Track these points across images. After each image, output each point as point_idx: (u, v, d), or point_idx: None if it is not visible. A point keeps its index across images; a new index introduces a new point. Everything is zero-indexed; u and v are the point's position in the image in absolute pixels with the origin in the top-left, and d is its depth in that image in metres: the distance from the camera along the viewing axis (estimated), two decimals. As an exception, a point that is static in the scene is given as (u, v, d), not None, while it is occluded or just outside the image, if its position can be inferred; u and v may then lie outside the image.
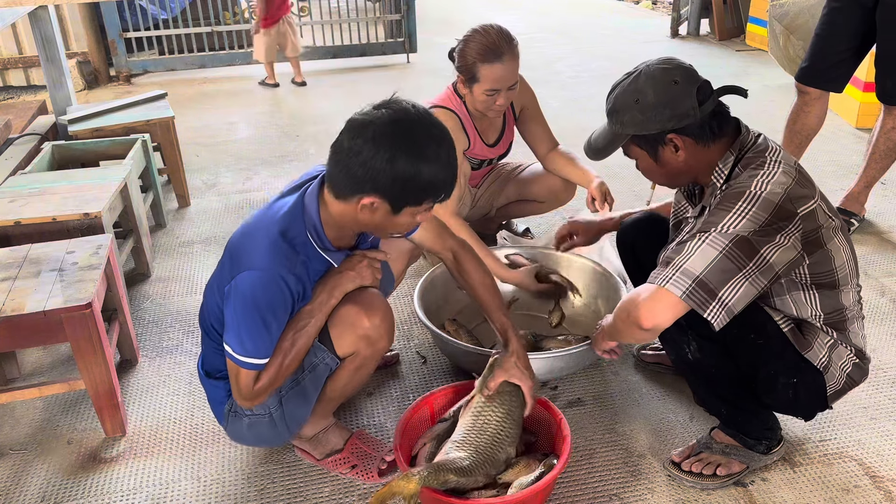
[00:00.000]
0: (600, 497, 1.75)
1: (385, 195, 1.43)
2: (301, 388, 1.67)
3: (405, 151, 1.39)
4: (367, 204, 1.45)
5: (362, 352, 1.65)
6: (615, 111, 1.61)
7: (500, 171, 2.83)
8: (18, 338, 1.85)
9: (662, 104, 1.53)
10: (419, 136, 1.42)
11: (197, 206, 3.57)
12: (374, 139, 1.39)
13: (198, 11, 6.48)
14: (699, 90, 1.54)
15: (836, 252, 1.55)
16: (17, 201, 2.46)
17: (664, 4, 9.46)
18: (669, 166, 1.61)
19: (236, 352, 1.53)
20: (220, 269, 1.65)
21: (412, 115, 1.43)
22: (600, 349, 1.84)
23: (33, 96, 5.50)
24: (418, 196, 1.46)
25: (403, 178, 1.40)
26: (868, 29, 2.76)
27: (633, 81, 1.58)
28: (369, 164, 1.39)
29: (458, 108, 2.47)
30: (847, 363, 1.63)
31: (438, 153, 1.43)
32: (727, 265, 1.43)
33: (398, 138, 1.40)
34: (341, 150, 1.44)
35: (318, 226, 1.56)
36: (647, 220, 2.01)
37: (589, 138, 1.71)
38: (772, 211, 1.45)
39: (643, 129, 1.57)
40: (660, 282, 1.48)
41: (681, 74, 1.54)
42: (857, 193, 3.05)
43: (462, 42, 2.37)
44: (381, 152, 1.38)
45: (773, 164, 1.51)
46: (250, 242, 1.55)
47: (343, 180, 1.46)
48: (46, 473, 1.88)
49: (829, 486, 1.76)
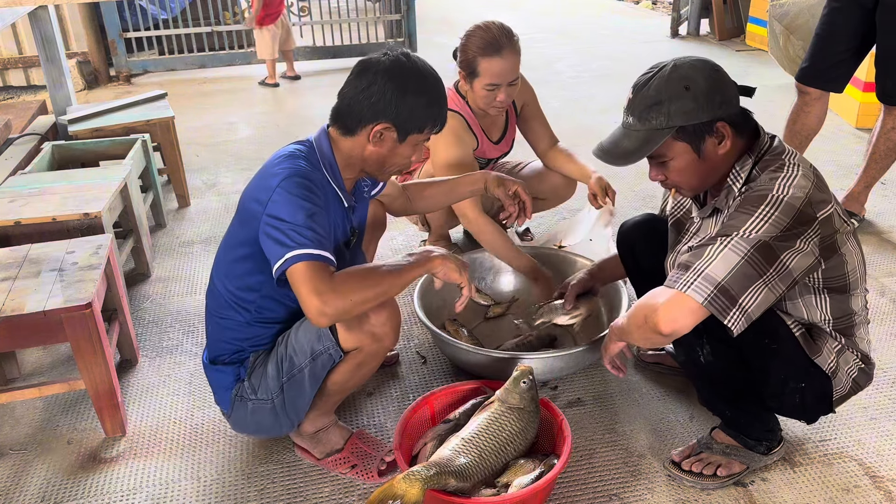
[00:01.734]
0: (600, 497, 1.75)
1: (395, 121, 1.62)
2: (302, 376, 1.68)
3: (412, 83, 1.61)
4: (377, 132, 1.62)
5: (366, 348, 1.66)
6: (658, 103, 1.50)
7: (501, 168, 2.84)
8: (18, 338, 1.85)
9: (714, 90, 1.49)
10: (419, 71, 1.64)
11: (197, 206, 3.57)
12: (386, 73, 1.60)
13: (198, 11, 6.49)
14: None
15: (849, 256, 1.54)
16: (17, 201, 2.46)
17: (664, 4, 9.46)
18: (709, 162, 1.55)
19: (292, 249, 1.49)
20: (232, 229, 1.73)
21: (411, 57, 1.65)
22: (609, 353, 1.74)
23: (33, 96, 5.50)
24: (422, 122, 1.65)
25: (410, 105, 1.61)
26: (868, 29, 2.76)
27: (674, 70, 1.51)
28: (381, 94, 1.59)
29: (461, 109, 2.48)
30: (853, 368, 1.63)
31: (437, 86, 1.67)
32: (749, 271, 1.40)
33: (403, 72, 1.61)
34: (351, 88, 1.63)
35: (332, 162, 1.69)
36: (648, 223, 2.00)
37: (601, 147, 1.62)
38: (793, 215, 1.43)
39: (694, 118, 1.49)
40: (680, 287, 1.43)
41: (715, 64, 1.53)
42: (858, 193, 3.05)
43: (464, 38, 2.38)
44: (389, 84, 1.59)
45: (792, 167, 1.49)
46: (269, 179, 1.60)
47: (355, 114, 1.63)
48: (46, 473, 1.88)
49: (829, 486, 1.76)
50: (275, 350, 1.74)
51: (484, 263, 2.53)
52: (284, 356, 1.70)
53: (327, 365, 1.68)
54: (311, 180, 1.60)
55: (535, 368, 1.83)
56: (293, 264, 1.49)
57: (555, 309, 2.13)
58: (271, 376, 1.72)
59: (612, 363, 1.78)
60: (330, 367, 1.69)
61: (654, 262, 1.86)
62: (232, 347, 1.77)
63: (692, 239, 1.70)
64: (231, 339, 1.77)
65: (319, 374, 1.69)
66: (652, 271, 1.83)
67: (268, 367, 1.73)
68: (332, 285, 1.48)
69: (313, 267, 1.48)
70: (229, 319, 1.75)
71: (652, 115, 1.51)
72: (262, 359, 1.76)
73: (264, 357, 1.76)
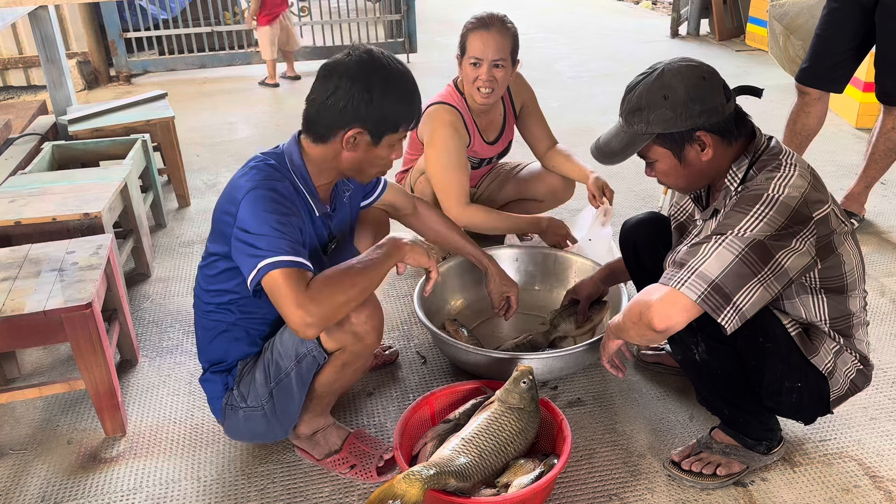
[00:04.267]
0: (600, 497, 1.75)
1: (366, 124, 1.57)
2: (289, 380, 1.68)
3: (379, 82, 1.55)
4: (350, 137, 1.57)
5: (349, 347, 1.64)
6: (639, 109, 1.54)
7: (499, 170, 2.84)
8: (18, 338, 1.85)
9: (693, 99, 1.50)
10: (387, 68, 1.57)
11: (197, 206, 3.57)
12: (350, 76, 1.54)
13: (198, 11, 6.49)
14: (724, 87, 1.53)
15: (847, 257, 1.55)
16: (17, 201, 2.46)
17: (664, 4, 9.46)
18: (692, 167, 1.57)
19: (264, 257, 1.47)
20: (208, 242, 1.72)
21: (375, 54, 1.59)
22: (608, 352, 1.75)
23: (33, 96, 5.50)
24: (396, 121, 1.59)
25: (381, 105, 1.55)
26: (868, 29, 2.76)
27: (658, 78, 1.53)
28: (348, 98, 1.54)
29: (458, 104, 2.48)
30: (851, 369, 1.63)
31: (405, 81, 1.60)
32: (743, 269, 1.41)
33: (370, 72, 1.55)
34: (318, 94, 1.58)
35: (303, 171, 1.65)
36: (651, 222, 2.00)
37: (597, 143, 1.66)
38: (788, 215, 1.43)
39: (672, 127, 1.52)
40: (674, 284, 1.45)
41: (706, 71, 1.53)
42: (857, 193, 3.05)
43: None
44: (357, 85, 1.53)
45: (788, 167, 1.49)
46: (235, 191, 1.58)
47: (324, 121, 1.58)
48: (46, 473, 1.88)
49: (829, 486, 1.76)
50: (262, 356, 1.73)
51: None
52: (271, 361, 1.69)
53: (312, 367, 1.67)
54: (277, 190, 1.56)
55: (535, 368, 1.83)
56: (267, 272, 1.47)
57: (569, 323, 2.22)
58: (260, 383, 1.71)
59: (611, 362, 1.79)
60: (315, 370, 1.68)
61: (656, 260, 1.86)
62: (219, 353, 1.77)
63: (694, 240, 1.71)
64: (217, 345, 1.76)
65: (306, 376, 1.68)
66: (654, 269, 1.83)
67: (256, 374, 1.72)
68: (311, 294, 1.45)
69: (289, 275, 1.46)
70: (216, 322, 1.74)
71: (634, 120, 1.56)
72: (249, 366, 1.76)
73: (252, 364, 1.76)
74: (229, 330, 1.74)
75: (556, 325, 2.22)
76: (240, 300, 1.70)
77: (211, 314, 1.74)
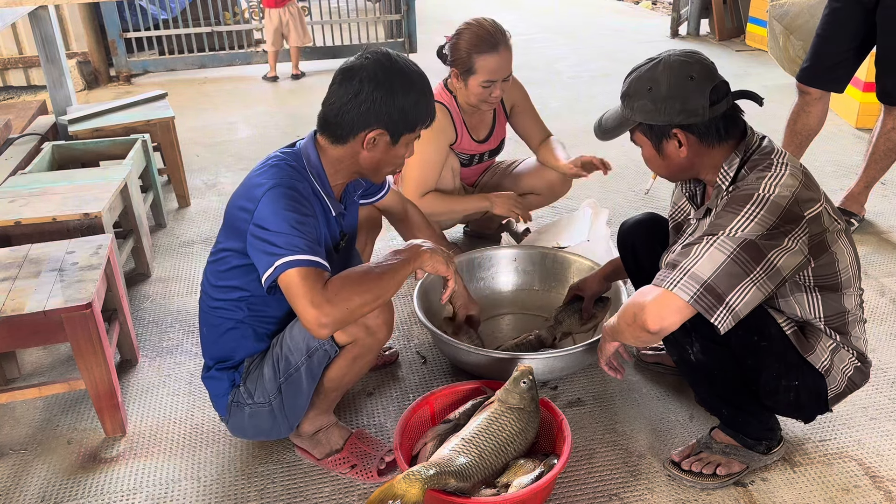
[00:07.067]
0: (600, 497, 1.75)
1: (387, 125, 1.60)
2: (299, 375, 1.68)
3: (400, 84, 1.59)
4: (371, 138, 1.60)
5: (360, 341, 1.66)
6: (628, 95, 1.59)
7: (496, 168, 2.85)
8: (18, 338, 1.85)
9: (673, 97, 1.51)
10: (406, 70, 1.61)
11: (197, 206, 3.57)
12: (371, 79, 1.57)
13: (198, 11, 6.48)
14: (714, 90, 1.52)
15: (841, 255, 1.55)
16: (17, 201, 2.46)
17: (664, 4, 9.46)
18: (670, 160, 1.61)
19: (282, 256, 1.48)
20: (220, 237, 1.72)
21: (393, 56, 1.62)
22: (605, 354, 1.76)
23: (33, 96, 5.50)
24: (414, 122, 1.64)
25: (402, 106, 1.59)
26: (869, 29, 2.76)
27: (651, 69, 1.56)
28: (369, 102, 1.57)
29: (448, 103, 2.50)
30: (849, 367, 1.63)
31: (423, 82, 1.64)
32: (735, 269, 1.42)
33: (391, 74, 1.58)
34: (338, 96, 1.60)
35: (320, 170, 1.67)
36: (649, 222, 2.00)
37: (601, 117, 1.71)
38: (780, 214, 1.44)
39: (651, 119, 1.56)
40: (667, 285, 1.45)
41: (698, 71, 1.53)
42: (857, 193, 3.05)
43: (455, 36, 2.40)
44: (378, 90, 1.57)
45: (779, 167, 1.50)
46: (254, 188, 1.59)
47: (345, 122, 1.60)
48: (46, 473, 1.88)
49: (829, 486, 1.76)
50: (270, 352, 1.74)
51: (483, 263, 2.53)
52: (280, 356, 1.70)
53: (323, 361, 1.68)
54: (297, 189, 1.59)
55: (535, 368, 1.83)
56: (284, 271, 1.47)
57: (573, 320, 2.22)
58: (268, 378, 1.71)
59: (608, 364, 1.79)
60: (326, 364, 1.69)
61: (654, 260, 1.86)
62: (225, 350, 1.77)
63: (686, 240, 1.71)
64: (224, 342, 1.76)
65: (316, 371, 1.69)
66: (652, 270, 1.83)
67: (264, 370, 1.73)
68: (328, 295, 1.46)
69: (307, 274, 1.47)
70: (224, 320, 1.74)
71: (625, 103, 1.61)
72: (256, 363, 1.76)
73: (259, 361, 1.76)
74: (237, 327, 1.74)
75: (560, 322, 2.23)
76: (250, 297, 1.71)
77: (218, 310, 1.74)
